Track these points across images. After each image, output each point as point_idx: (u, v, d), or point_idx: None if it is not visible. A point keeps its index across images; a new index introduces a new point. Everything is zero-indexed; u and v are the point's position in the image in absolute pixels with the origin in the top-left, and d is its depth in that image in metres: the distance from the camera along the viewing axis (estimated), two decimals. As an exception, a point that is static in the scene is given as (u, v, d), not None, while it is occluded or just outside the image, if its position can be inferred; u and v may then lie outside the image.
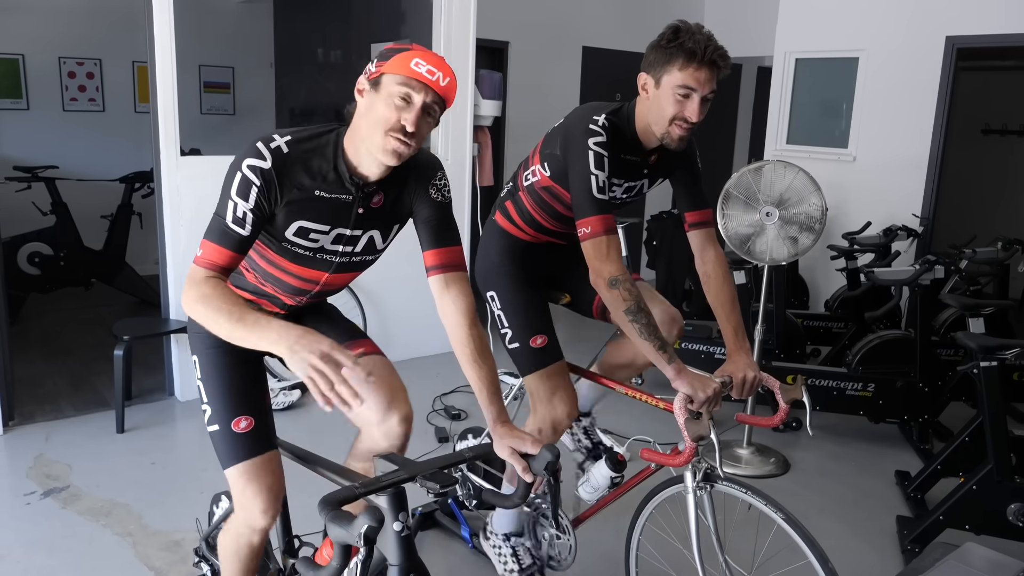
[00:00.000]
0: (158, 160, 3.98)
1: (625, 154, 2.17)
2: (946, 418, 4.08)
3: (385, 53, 1.66)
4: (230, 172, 1.65)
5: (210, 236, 1.64)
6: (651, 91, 2.07)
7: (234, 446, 1.86)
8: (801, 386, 2.08)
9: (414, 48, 1.65)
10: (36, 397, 4.20)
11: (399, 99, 1.62)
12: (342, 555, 1.40)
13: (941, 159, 5.43)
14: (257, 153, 1.64)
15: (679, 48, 1.99)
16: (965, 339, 2.95)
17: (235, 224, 1.63)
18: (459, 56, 4.86)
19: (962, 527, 2.91)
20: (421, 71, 1.61)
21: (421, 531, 3.01)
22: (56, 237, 5.55)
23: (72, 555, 2.82)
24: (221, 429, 1.87)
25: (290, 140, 1.68)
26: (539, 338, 2.38)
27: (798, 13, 6.05)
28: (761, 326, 3.67)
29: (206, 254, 1.63)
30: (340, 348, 1.44)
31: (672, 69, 2.01)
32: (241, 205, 1.63)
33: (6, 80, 6.16)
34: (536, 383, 2.39)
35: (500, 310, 2.44)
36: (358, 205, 1.78)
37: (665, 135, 2.09)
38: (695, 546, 2.05)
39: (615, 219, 2.10)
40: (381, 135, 1.64)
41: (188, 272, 1.64)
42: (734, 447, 3.81)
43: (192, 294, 1.59)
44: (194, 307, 1.59)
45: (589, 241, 2.05)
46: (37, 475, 3.40)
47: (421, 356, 4.91)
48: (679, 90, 2.02)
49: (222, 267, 1.64)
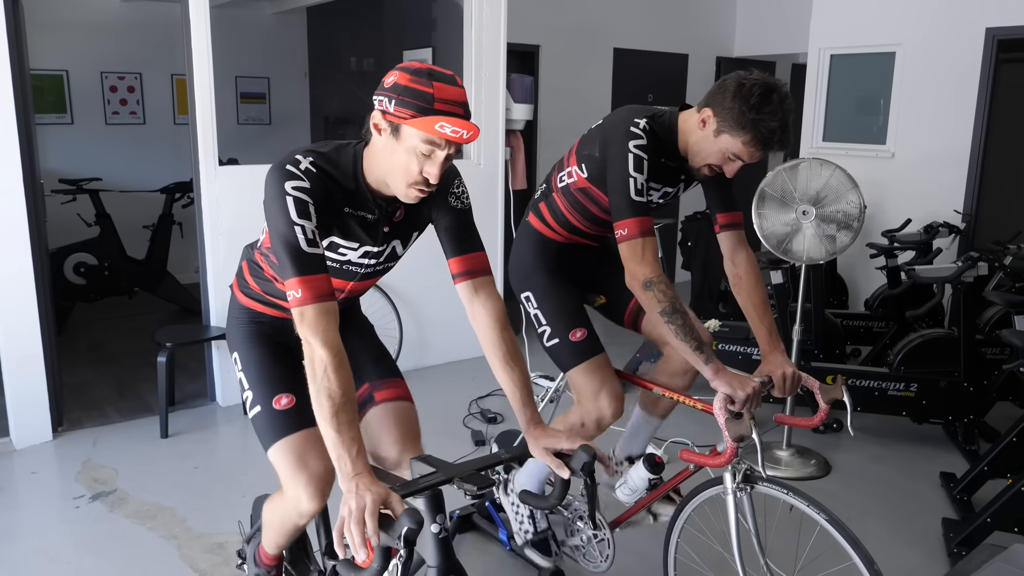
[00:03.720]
0: (197, 170, 4.05)
1: (664, 159, 2.17)
2: (992, 418, 3.99)
3: (403, 96, 1.55)
4: (276, 201, 1.62)
5: (296, 272, 1.59)
6: (708, 131, 2.04)
7: (276, 423, 1.87)
8: (841, 386, 2.06)
9: (435, 93, 1.54)
10: (83, 404, 4.29)
11: (422, 153, 1.58)
12: (382, 557, 1.41)
13: (983, 154, 5.31)
14: (293, 176, 1.63)
15: (754, 126, 1.94)
16: (1011, 337, 2.89)
17: (311, 247, 1.61)
18: (490, 61, 4.88)
19: (1011, 529, 2.84)
20: (446, 132, 1.54)
21: (459, 534, 3.02)
22: (100, 248, 5.69)
23: (120, 557, 2.88)
24: (263, 409, 1.88)
25: (313, 161, 1.67)
26: (579, 331, 2.37)
27: (832, 8, 5.97)
28: (799, 326, 3.62)
29: (304, 290, 1.58)
30: (377, 509, 1.40)
31: (736, 137, 1.99)
32: (308, 226, 1.61)
33: (51, 96, 6.32)
34: (581, 377, 2.36)
35: (536, 309, 2.43)
36: (384, 223, 1.80)
37: (696, 170, 2.16)
38: (735, 548, 2.03)
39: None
40: (404, 185, 1.63)
41: (295, 315, 1.59)
42: (773, 449, 3.76)
43: (319, 353, 1.55)
44: (314, 369, 1.56)
45: (626, 243, 2.05)
46: (85, 479, 3.48)
47: (457, 360, 4.94)
48: (731, 154, 2.03)
49: (326, 293, 1.60)
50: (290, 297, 1.60)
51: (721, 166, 2.08)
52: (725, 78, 2.02)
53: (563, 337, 2.37)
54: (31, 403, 3.77)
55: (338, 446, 1.50)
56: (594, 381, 2.35)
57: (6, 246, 3.60)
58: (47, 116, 6.26)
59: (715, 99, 2.01)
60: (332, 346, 1.57)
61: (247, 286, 2.04)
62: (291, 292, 1.60)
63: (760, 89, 1.93)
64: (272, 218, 1.63)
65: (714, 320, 4.59)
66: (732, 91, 1.96)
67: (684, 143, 2.14)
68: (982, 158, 5.31)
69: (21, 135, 3.56)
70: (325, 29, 7.08)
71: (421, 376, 4.83)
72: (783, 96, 1.94)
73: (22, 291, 3.66)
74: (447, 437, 3.88)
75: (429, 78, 1.56)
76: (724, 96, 1.97)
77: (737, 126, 1.96)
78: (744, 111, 1.93)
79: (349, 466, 1.48)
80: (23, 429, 3.77)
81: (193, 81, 3.92)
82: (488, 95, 4.90)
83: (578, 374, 2.37)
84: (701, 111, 2.05)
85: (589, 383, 2.35)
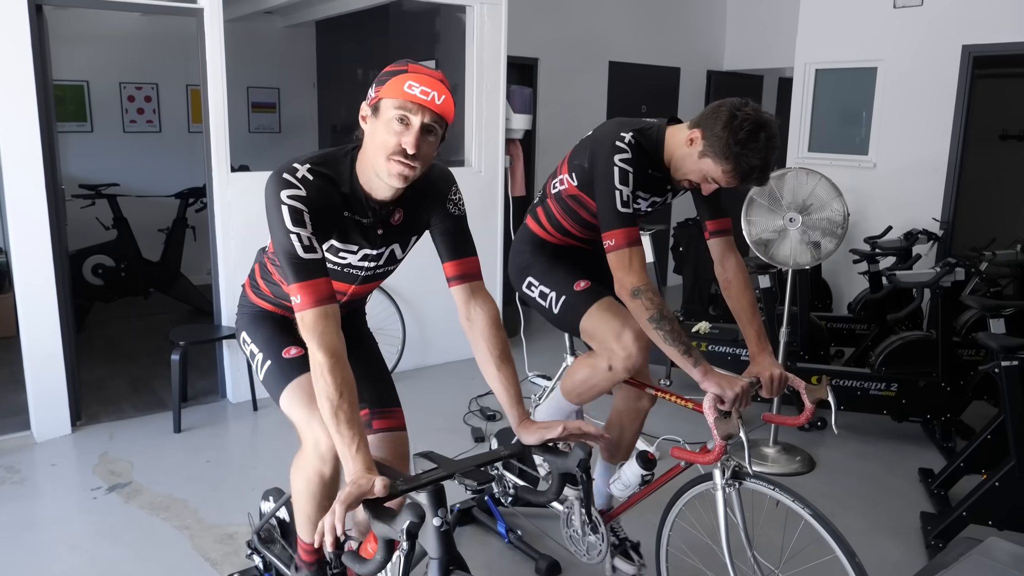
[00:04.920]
0: (210, 176, 4.05)
1: (650, 170, 2.16)
2: (968, 417, 3.99)
3: (382, 77, 1.61)
4: (273, 211, 1.61)
5: (296, 278, 1.59)
6: (694, 150, 2.04)
7: (287, 369, 1.86)
8: (826, 386, 2.06)
9: (409, 68, 1.59)
10: (100, 399, 4.29)
11: (397, 123, 1.57)
12: (386, 549, 1.41)
13: (960, 164, 5.31)
14: (289, 184, 1.61)
15: (737, 159, 1.94)
16: (986, 339, 2.88)
17: (307, 253, 1.60)
18: (491, 73, 4.88)
19: (985, 523, 2.84)
20: (415, 92, 1.55)
21: (459, 527, 3.02)
22: (118, 250, 5.69)
23: (135, 546, 2.88)
24: (273, 362, 1.87)
25: (310, 168, 1.65)
26: (581, 282, 2.33)
27: (817, 25, 5.97)
28: (786, 328, 3.62)
29: (304, 295, 1.58)
30: (354, 497, 1.38)
31: (718, 164, 1.98)
32: (304, 233, 1.60)
33: (72, 105, 6.31)
34: (595, 320, 2.24)
35: (539, 285, 2.40)
36: (378, 226, 1.78)
37: (677, 183, 2.20)
38: (724, 541, 2.03)
39: (642, 227, 2.09)
40: (384, 160, 1.60)
41: (298, 320, 1.59)
42: (760, 446, 3.76)
43: (317, 357, 1.55)
44: (313, 372, 1.55)
45: (613, 253, 2.05)
46: (102, 471, 3.47)
47: (457, 360, 4.93)
48: (710, 177, 2.04)
49: (325, 297, 1.59)
50: (293, 303, 1.60)
51: (701, 191, 2.11)
52: (721, 103, 1.98)
53: (568, 291, 2.32)
54: (51, 399, 3.77)
55: (339, 444, 1.50)
56: (613, 321, 2.20)
57: (29, 248, 3.60)
58: (68, 124, 6.26)
59: (707, 123, 1.98)
60: (329, 348, 1.55)
61: (258, 287, 2.04)
62: (293, 298, 1.60)
63: (750, 126, 1.91)
64: (271, 226, 1.63)
65: (704, 322, 4.59)
66: (724, 120, 1.93)
67: (669, 156, 2.14)
68: (959, 168, 5.32)
69: (44, 143, 3.56)
70: (333, 42, 7.08)
71: (423, 375, 4.82)
72: (771, 135, 1.93)
73: (44, 292, 3.65)
74: (448, 434, 3.88)
75: (405, 62, 1.61)
76: (716, 123, 1.95)
77: (721, 155, 1.95)
78: (730, 143, 1.92)
79: (350, 462, 1.48)
80: (43, 423, 3.77)
81: (207, 91, 3.93)
82: (489, 105, 4.90)
83: (591, 319, 2.25)
84: (691, 130, 2.04)
85: (608, 324, 2.21)
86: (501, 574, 2.75)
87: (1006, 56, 5.14)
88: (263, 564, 2.41)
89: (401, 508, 1.37)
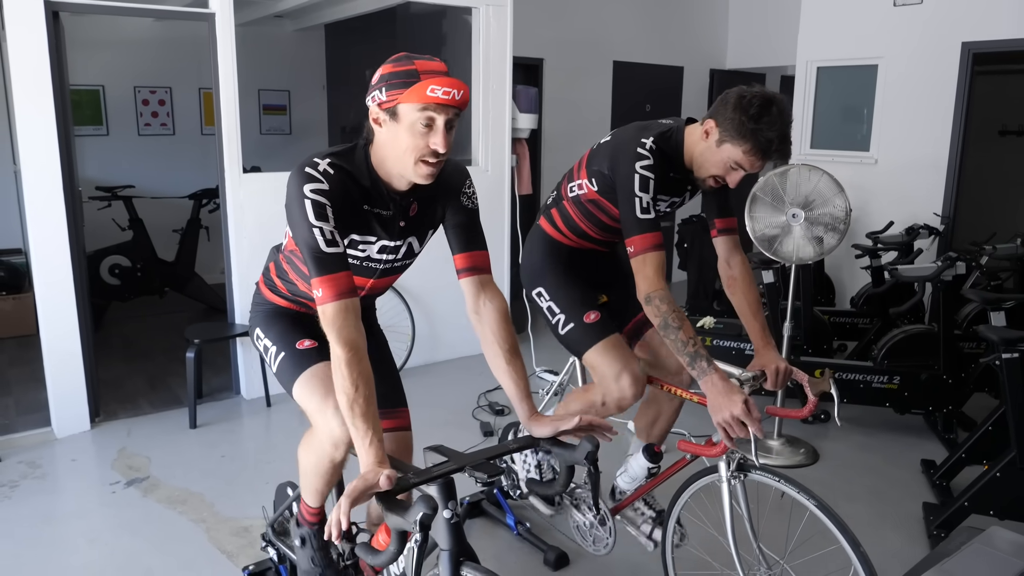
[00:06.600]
0: (223, 178, 4.06)
1: (672, 173, 2.15)
2: (970, 408, 3.97)
3: (390, 80, 1.57)
4: (296, 205, 1.59)
5: (319, 272, 1.58)
6: (711, 141, 2.02)
7: (300, 359, 1.86)
8: (829, 379, 2.05)
9: (418, 67, 1.56)
10: (118, 396, 4.31)
11: (422, 125, 1.56)
12: (399, 540, 1.41)
13: (960, 160, 5.29)
14: (312, 178, 1.60)
15: (753, 135, 1.92)
16: (987, 332, 2.87)
17: (330, 247, 1.59)
18: (497, 73, 4.87)
19: (987, 512, 2.83)
20: (438, 95, 1.52)
21: (469, 519, 3.02)
22: (134, 250, 5.72)
23: (153, 539, 2.90)
24: (287, 354, 1.88)
25: (331, 162, 1.64)
26: (592, 314, 2.32)
27: (818, 24, 5.94)
28: (789, 323, 3.62)
29: (326, 289, 1.57)
30: (363, 488, 1.40)
31: (737, 146, 1.96)
32: (326, 227, 1.59)
33: (89, 109, 6.34)
34: (599, 357, 2.28)
35: (549, 301, 2.40)
36: (400, 218, 1.77)
37: (702, 182, 2.13)
38: (729, 533, 2.03)
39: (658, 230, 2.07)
40: (413, 163, 1.59)
41: (320, 314, 1.58)
42: (765, 438, 3.75)
43: (336, 350, 1.54)
44: (333, 364, 1.55)
45: (633, 259, 2.05)
46: (121, 466, 3.49)
47: (466, 355, 4.93)
48: (733, 163, 2.00)
49: (346, 290, 1.58)
50: (315, 296, 1.59)
51: (724, 176, 2.05)
52: (728, 92, 1.99)
53: (578, 321, 2.32)
54: (70, 396, 3.79)
55: (355, 436, 1.51)
56: (614, 362, 2.26)
57: (48, 249, 3.62)
58: (85, 128, 6.28)
59: (717, 111, 1.99)
60: (348, 342, 1.55)
61: (273, 285, 2.04)
62: (315, 292, 1.59)
63: (759, 101, 1.92)
64: (293, 220, 1.62)
65: (709, 317, 4.57)
66: (733, 103, 1.94)
67: (689, 155, 2.12)
68: (959, 164, 5.29)
69: (61, 146, 3.58)
70: (342, 44, 7.09)
71: (432, 371, 4.83)
72: (782, 108, 1.93)
73: (62, 292, 3.68)
74: (457, 428, 3.88)
75: (408, 59, 1.58)
76: (726, 108, 1.96)
77: (738, 136, 1.94)
78: (744, 121, 1.92)
79: (363, 454, 1.48)
80: (63, 420, 3.80)
81: (219, 94, 3.94)
82: (495, 105, 4.90)
83: (596, 354, 2.28)
84: (704, 123, 2.04)
85: (609, 364, 2.26)
86: (510, 565, 2.75)
87: (1005, 52, 5.12)
88: (278, 556, 2.42)
89: (414, 500, 1.38)
